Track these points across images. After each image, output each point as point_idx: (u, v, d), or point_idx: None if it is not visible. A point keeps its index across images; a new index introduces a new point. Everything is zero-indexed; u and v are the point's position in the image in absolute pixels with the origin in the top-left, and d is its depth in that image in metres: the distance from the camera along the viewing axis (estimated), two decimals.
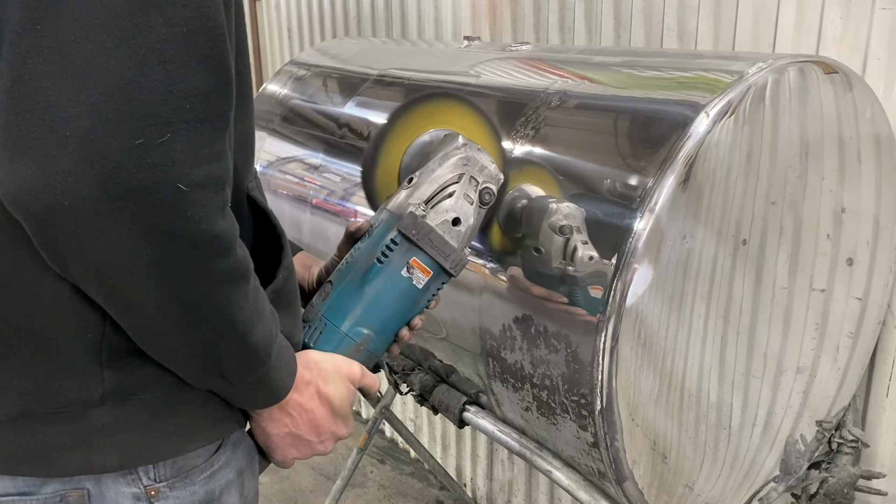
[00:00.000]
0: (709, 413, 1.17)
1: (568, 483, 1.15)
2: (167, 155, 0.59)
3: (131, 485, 0.73)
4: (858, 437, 1.31)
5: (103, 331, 0.69)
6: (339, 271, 0.95)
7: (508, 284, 1.14)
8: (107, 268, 0.61)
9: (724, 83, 1.02)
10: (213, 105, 0.62)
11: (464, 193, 0.95)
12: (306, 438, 0.84)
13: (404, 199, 0.95)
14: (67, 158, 0.57)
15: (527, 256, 1.10)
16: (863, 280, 1.27)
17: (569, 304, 1.04)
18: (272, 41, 3.18)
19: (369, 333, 0.92)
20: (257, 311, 0.71)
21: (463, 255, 0.95)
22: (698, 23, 1.55)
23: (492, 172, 0.98)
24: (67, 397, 0.70)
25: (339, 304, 0.92)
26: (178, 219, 0.60)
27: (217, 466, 0.78)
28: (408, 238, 0.91)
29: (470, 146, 0.97)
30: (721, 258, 1.09)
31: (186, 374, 0.73)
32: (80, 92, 0.57)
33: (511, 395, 1.18)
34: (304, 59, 1.87)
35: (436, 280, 0.94)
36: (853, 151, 1.18)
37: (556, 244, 1.05)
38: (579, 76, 1.23)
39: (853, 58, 1.31)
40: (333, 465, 2.73)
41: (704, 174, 1.00)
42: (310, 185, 1.61)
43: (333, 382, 0.84)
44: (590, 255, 1.02)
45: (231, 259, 0.66)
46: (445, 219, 0.93)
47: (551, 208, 1.07)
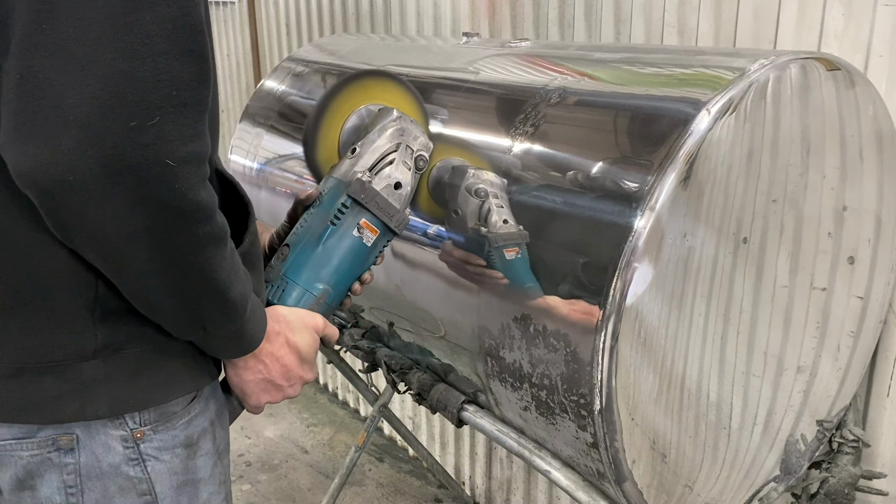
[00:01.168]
0: (708, 412, 1.16)
1: (567, 483, 1.14)
2: (157, 135, 0.67)
3: (118, 428, 0.82)
4: (859, 437, 1.30)
5: (96, 291, 0.78)
6: (294, 234, 1.05)
7: (440, 251, 1.22)
8: (105, 234, 0.70)
9: (726, 80, 1.01)
10: (195, 91, 0.70)
11: (402, 160, 1.07)
12: (278, 383, 0.94)
13: (349, 167, 1.05)
14: (71, 140, 0.65)
15: (448, 219, 1.20)
16: (864, 279, 1.27)
17: (486, 267, 1.13)
18: (270, 37, 3.17)
19: (326, 288, 1.03)
20: (234, 270, 0.80)
21: (405, 216, 1.07)
22: (699, 19, 1.54)
23: (423, 141, 1.10)
24: (63, 351, 0.78)
25: (298, 264, 1.03)
26: (167, 190, 0.69)
27: (193, 414, 0.87)
28: (357, 201, 1.03)
29: (403, 118, 1.09)
30: (721, 257, 1.08)
31: (173, 326, 0.81)
32: (81, 82, 0.65)
33: (510, 395, 1.18)
34: (301, 55, 1.86)
35: (382, 238, 1.06)
36: (855, 149, 1.17)
37: (472, 205, 1.14)
38: (579, 73, 1.22)
39: (855, 55, 1.30)
40: (332, 464, 2.72)
41: (705, 172, 1.00)
42: (308, 183, 1.60)
43: (300, 332, 0.95)
44: (504, 219, 1.10)
45: (212, 225, 0.75)
46: (388, 183, 1.05)
47: (469, 173, 1.16)
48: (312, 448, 2.83)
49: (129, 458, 0.83)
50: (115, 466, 0.82)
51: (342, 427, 2.95)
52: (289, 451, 2.80)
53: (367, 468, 2.69)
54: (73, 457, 0.81)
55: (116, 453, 0.82)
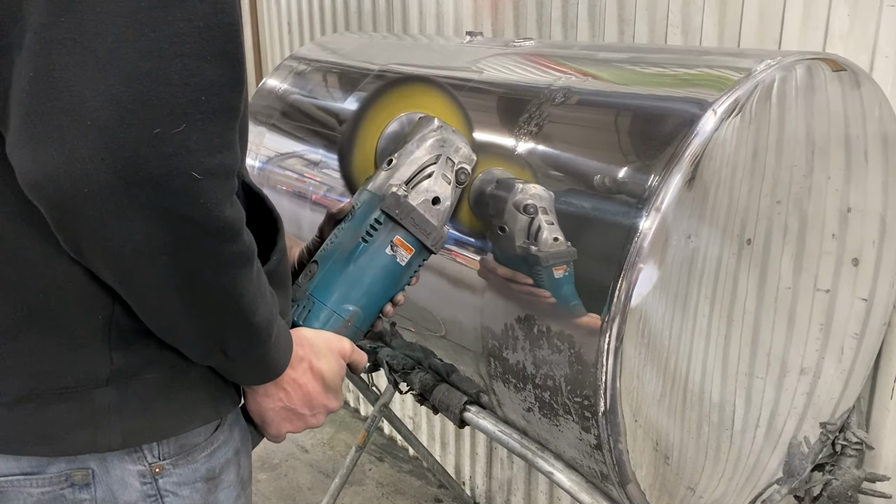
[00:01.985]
0: (711, 414, 1.16)
1: (570, 485, 1.14)
2: (182, 144, 0.61)
3: (136, 463, 0.76)
4: (862, 440, 1.30)
5: (112, 312, 0.72)
6: (323, 251, 0.99)
7: (479, 267, 1.16)
8: (122, 252, 0.64)
9: (732, 80, 1.01)
10: (226, 97, 0.64)
11: (441, 174, 0.99)
12: (300, 412, 0.87)
13: (384, 179, 0.98)
14: (88, 146, 0.59)
15: (492, 236, 1.12)
16: (868, 280, 1.26)
17: (533, 286, 1.07)
18: (272, 36, 3.16)
19: (356, 310, 0.96)
20: (260, 292, 0.74)
21: (443, 233, 0.99)
22: (703, 19, 1.54)
23: (466, 153, 1.02)
24: (75, 377, 0.72)
25: (327, 283, 0.96)
26: (191, 205, 0.63)
27: (216, 445, 0.81)
28: (391, 217, 0.95)
29: (445, 128, 1.01)
30: (725, 258, 1.08)
31: (192, 351, 0.76)
32: (100, 83, 0.59)
33: (513, 396, 1.17)
34: (304, 53, 1.86)
35: (417, 257, 0.98)
36: (860, 150, 1.17)
37: (520, 223, 1.07)
38: (583, 73, 1.22)
39: (860, 55, 1.30)
40: (332, 463, 2.72)
41: (710, 173, 0.99)
42: (309, 182, 1.59)
43: (325, 358, 0.88)
44: (554, 237, 1.04)
45: (239, 244, 0.69)
46: (426, 198, 0.97)
47: (517, 187, 1.09)
48: (312, 447, 2.82)
49: (146, 495, 0.77)
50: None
51: (342, 426, 2.95)
52: (289, 450, 2.79)
53: (368, 468, 2.68)
54: (88, 493, 0.74)
55: (133, 490, 0.76)
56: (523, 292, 1.08)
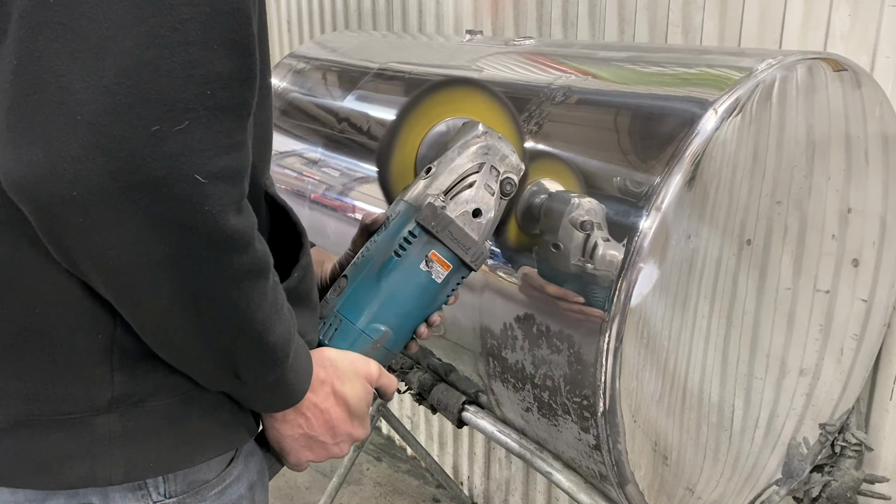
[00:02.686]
0: (710, 414, 1.16)
1: (568, 485, 1.14)
2: (185, 144, 0.55)
3: (140, 500, 0.69)
4: (862, 441, 1.30)
5: (114, 331, 0.65)
6: (354, 265, 0.92)
7: (521, 283, 1.10)
8: (117, 263, 0.58)
9: (733, 80, 1.00)
10: (234, 92, 0.58)
11: (484, 184, 0.91)
12: (321, 440, 0.80)
13: (422, 189, 0.91)
14: (77, 145, 0.53)
15: (543, 253, 1.05)
16: (868, 281, 1.26)
17: (584, 305, 1.01)
18: (271, 34, 3.16)
19: (387, 330, 0.89)
20: (276, 309, 0.67)
21: (484, 248, 0.91)
22: (703, 18, 1.54)
23: (513, 162, 0.94)
24: (74, 403, 0.65)
25: (355, 300, 0.89)
26: (194, 212, 0.56)
27: (229, 481, 0.75)
28: (427, 230, 0.87)
29: (490, 134, 0.93)
30: (725, 258, 1.07)
31: (200, 375, 0.69)
32: (93, 73, 0.53)
33: (511, 396, 1.17)
34: (303, 52, 1.85)
35: (455, 274, 0.90)
36: (860, 151, 1.16)
37: (577, 240, 1.01)
38: (584, 72, 1.22)
39: (861, 56, 1.30)
40: (329, 463, 2.71)
41: (711, 172, 0.99)
42: (308, 180, 1.59)
43: (350, 381, 0.80)
44: (612, 253, 0.98)
45: (250, 254, 0.62)
46: (465, 210, 0.89)
47: (573, 203, 1.02)
48: None
49: None
50: None
51: None
52: None
53: (366, 467, 2.68)
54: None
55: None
56: (573, 310, 1.03)
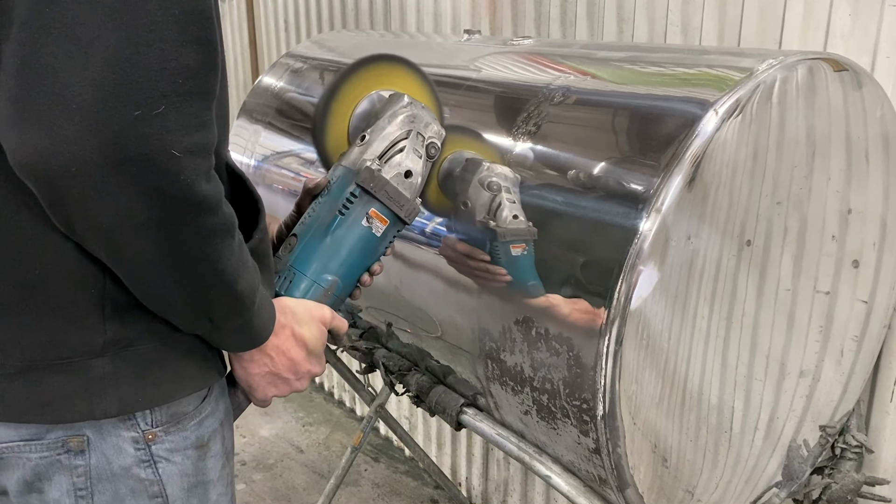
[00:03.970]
0: (710, 416, 1.15)
1: (567, 489, 1.13)
2: (162, 125, 0.66)
3: (130, 430, 0.80)
4: (862, 443, 1.29)
5: (104, 286, 0.76)
6: (302, 224, 1.03)
7: (441, 245, 1.19)
8: (109, 226, 0.69)
9: (733, 80, 0.99)
10: (202, 80, 0.69)
11: (413, 148, 1.03)
12: (284, 376, 0.92)
13: (358, 154, 1.02)
14: (73, 128, 0.63)
15: (455, 212, 1.16)
16: (868, 283, 1.25)
17: (490, 263, 1.10)
18: (268, 33, 3.14)
19: (335, 279, 1.01)
20: (242, 262, 0.79)
21: (416, 205, 1.03)
22: (703, 18, 1.53)
23: (436, 129, 1.06)
24: (72, 348, 0.76)
25: (306, 254, 1.01)
26: (172, 181, 0.67)
27: (204, 415, 0.86)
28: (366, 190, 0.99)
29: (415, 104, 1.06)
30: (725, 259, 1.07)
31: (179, 320, 0.80)
32: (84, 69, 0.63)
33: (510, 399, 1.16)
34: (300, 51, 1.84)
35: (392, 228, 1.03)
36: (861, 151, 1.16)
37: (483, 198, 1.11)
38: (583, 72, 1.21)
39: (862, 56, 1.29)
40: (327, 463, 2.70)
41: (711, 174, 0.98)
42: (305, 180, 1.58)
43: (307, 325, 0.92)
44: (514, 214, 1.08)
45: (219, 216, 0.74)
46: (398, 172, 1.02)
47: (484, 166, 1.13)
48: (308, 447, 2.81)
49: (140, 460, 0.81)
50: (126, 468, 0.81)
51: (338, 426, 2.93)
52: (284, 450, 2.78)
53: (363, 468, 2.67)
54: (83, 459, 0.79)
55: (128, 455, 0.81)
56: (480, 269, 1.12)
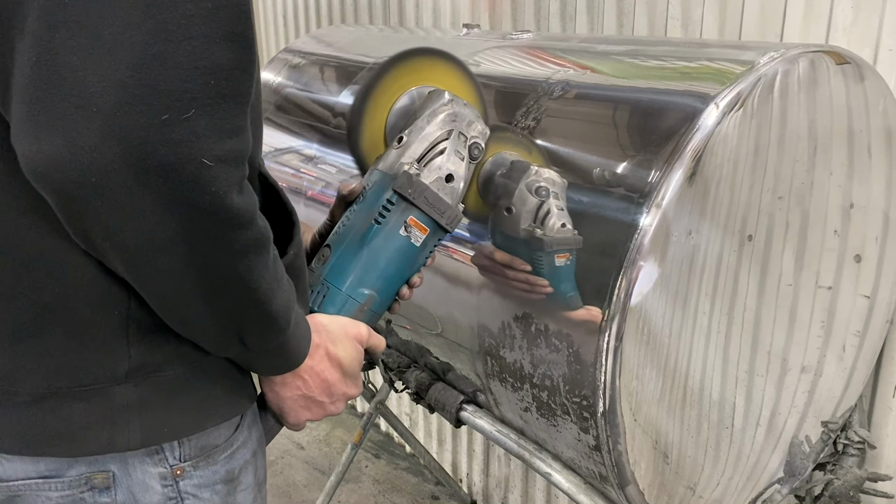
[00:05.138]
0: (711, 412, 1.14)
1: (568, 486, 1.12)
2: (191, 130, 0.60)
3: (157, 465, 0.74)
4: (864, 439, 1.28)
5: (129, 307, 0.70)
6: (336, 234, 0.96)
7: (473, 253, 1.12)
8: (133, 242, 0.63)
9: (734, 73, 0.98)
10: (236, 81, 0.62)
11: (454, 149, 0.96)
12: (318, 400, 0.86)
13: (395, 158, 0.95)
14: (94, 134, 0.57)
15: (496, 218, 1.08)
16: (871, 277, 1.24)
17: (530, 273, 1.04)
18: (267, 28, 3.13)
19: (371, 293, 0.94)
20: (277, 280, 0.73)
21: (458, 211, 0.96)
22: (703, 11, 1.52)
23: (479, 127, 0.98)
24: (93, 374, 0.70)
25: (340, 267, 0.94)
26: (202, 193, 0.61)
27: (236, 446, 0.81)
28: (404, 197, 0.92)
29: (456, 101, 0.97)
30: (726, 254, 1.06)
31: (208, 342, 0.74)
32: (106, 67, 0.57)
33: (510, 395, 1.15)
34: (298, 46, 1.83)
35: (433, 237, 0.95)
36: (863, 145, 1.15)
37: (529, 205, 1.03)
38: (582, 66, 1.20)
39: (863, 48, 1.28)
40: (328, 460, 2.70)
41: (712, 168, 0.97)
42: (305, 177, 1.57)
43: (342, 344, 0.86)
44: (562, 223, 1.01)
45: (253, 230, 0.67)
46: (439, 176, 0.94)
47: (531, 170, 1.06)
48: (308, 444, 2.81)
49: (167, 498, 0.76)
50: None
51: (338, 423, 2.93)
52: (284, 447, 2.78)
53: (364, 465, 2.67)
54: (108, 496, 0.73)
55: (155, 492, 0.75)
56: (519, 279, 1.05)
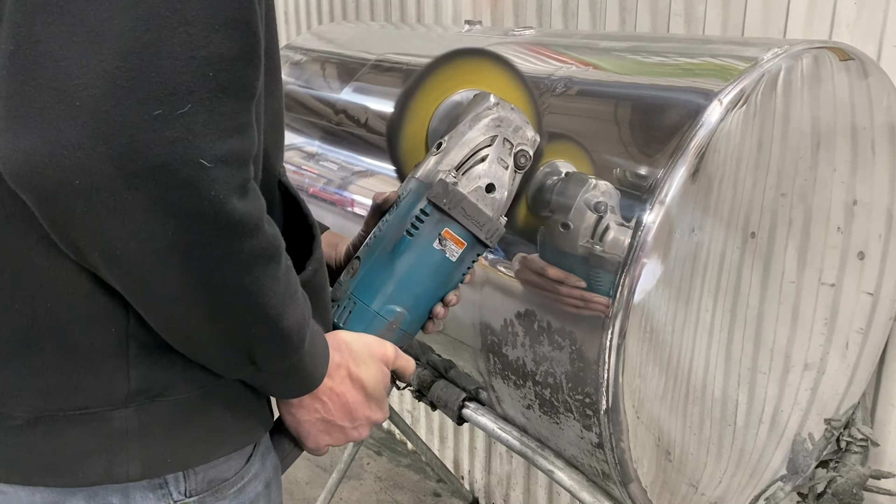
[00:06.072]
0: (714, 409, 1.14)
1: (570, 484, 1.12)
2: (188, 128, 0.54)
3: (161, 500, 0.68)
4: (868, 436, 1.28)
5: (127, 323, 0.64)
6: (366, 246, 0.90)
7: (519, 267, 1.06)
8: (124, 253, 0.56)
9: (738, 70, 0.98)
10: (237, 73, 0.56)
11: (497, 157, 0.88)
12: (339, 424, 0.79)
13: (433, 165, 0.88)
14: (78, 131, 0.52)
15: (550, 233, 1.02)
16: (874, 275, 1.24)
17: (584, 290, 0.98)
18: None
19: (402, 311, 0.87)
20: (289, 293, 0.66)
21: (499, 224, 0.88)
22: (706, 8, 1.51)
23: (527, 134, 0.90)
24: (90, 397, 0.64)
25: (369, 281, 0.87)
26: (200, 198, 0.55)
27: (247, 479, 0.74)
28: (439, 208, 0.85)
29: (503, 105, 0.90)
30: (729, 251, 1.05)
31: (215, 363, 0.68)
32: (92, 56, 0.52)
33: (512, 393, 1.15)
34: (300, 43, 1.83)
35: (470, 252, 0.88)
36: (867, 141, 1.14)
37: (588, 221, 0.97)
38: (584, 62, 1.19)
39: (867, 45, 1.27)
40: (329, 457, 2.70)
41: (715, 165, 0.97)
42: (307, 174, 1.57)
43: (366, 364, 0.79)
44: (623, 238, 0.95)
45: (259, 238, 0.61)
46: (478, 185, 0.86)
47: (590, 183, 0.99)
48: None
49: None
50: None
51: None
52: None
53: (366, 462, 2.67)
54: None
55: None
56: (574, 295, 0.99)
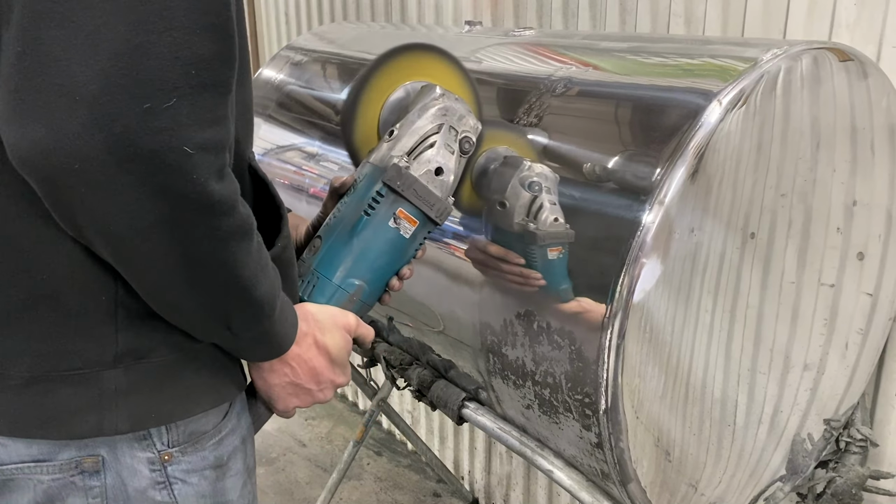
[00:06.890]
0: (713, 410, 1.14)
1: (570, 484, 1.12)
2: (173, 119, 0.61)
3: (146, 450, 0.76)
4: (867, 437, 1.28)
5: (116, 292, 0.72)
6: (327, 226, 0.98)
7: (468, 247, 1.15)
8: (116, 228, 0.64)
9: (737, 70, 0.98)
10: (216, 71, 0.64)
11: (444, 143, 0.97)
12: (306, 387, 0.87)
13: (386, 151, 0.97)
14: (77, 122, 0.59)
15: (490, 212, 1.10)
16: (874, 275, 1.24)
17: (524, 266, 1.06)
18: (269, 25, 3.13)
19: (361, 284, 0.96)
20: (261, 266, 0.74)
21: (447, 204, 0.97)
22: (706, 8, 1.51)
23: (470, 122, 0.99)
24: (82, 359, 0.72)
25: (330, 258, 0.96)
26: (183, 180, 0.63)
27: (224, 433, 0.82)
28: (393, 189, 0.94)
29: (447, 96, 0.99)
30: (729, 251, 1.06)
31: (195, 328, 0.76)
32: (89, 57, 0.59)
33: (512, 393, 1.15)
34: (300, 43, 1.83)
35: (422, 229, 0.97)
36: (866, 142, 1.14)
37: (523, 199, 1.06)
38: (585, 63, 1.20)
39: (867, 45, 1.27)
40: (330, 458, 2.70)
41: (714, 165, 0.97)
42: (307, 174, 1.57)
43: (330, 332, 0.88)
44: (555, 217, 1.03)
45: (235, 217, 0.69)
46: (428, 169, 0.96)
47: (524, 165, 1.08)
48: (310, 441, 2.81)
49: (155, 482, 0.77)
50: (141, 491, 0.77)
51: (340, 420, 2.93)
52: (286, 444, 2.78)
53: (366, 462, 2.67)
54: (98, 479, 0.75)
55: (143, 477, 0.77)
56: (513, 272, 1.07)
